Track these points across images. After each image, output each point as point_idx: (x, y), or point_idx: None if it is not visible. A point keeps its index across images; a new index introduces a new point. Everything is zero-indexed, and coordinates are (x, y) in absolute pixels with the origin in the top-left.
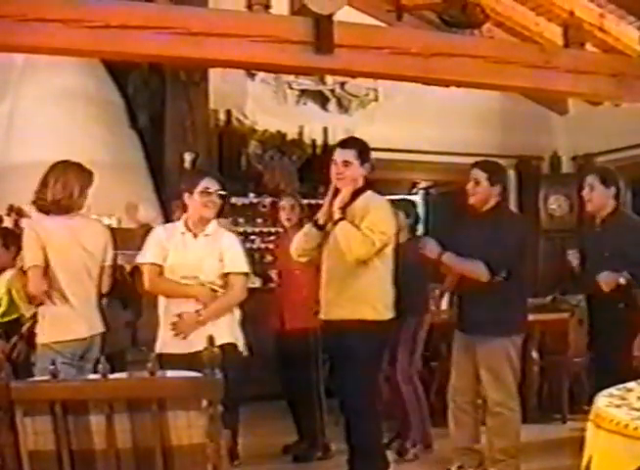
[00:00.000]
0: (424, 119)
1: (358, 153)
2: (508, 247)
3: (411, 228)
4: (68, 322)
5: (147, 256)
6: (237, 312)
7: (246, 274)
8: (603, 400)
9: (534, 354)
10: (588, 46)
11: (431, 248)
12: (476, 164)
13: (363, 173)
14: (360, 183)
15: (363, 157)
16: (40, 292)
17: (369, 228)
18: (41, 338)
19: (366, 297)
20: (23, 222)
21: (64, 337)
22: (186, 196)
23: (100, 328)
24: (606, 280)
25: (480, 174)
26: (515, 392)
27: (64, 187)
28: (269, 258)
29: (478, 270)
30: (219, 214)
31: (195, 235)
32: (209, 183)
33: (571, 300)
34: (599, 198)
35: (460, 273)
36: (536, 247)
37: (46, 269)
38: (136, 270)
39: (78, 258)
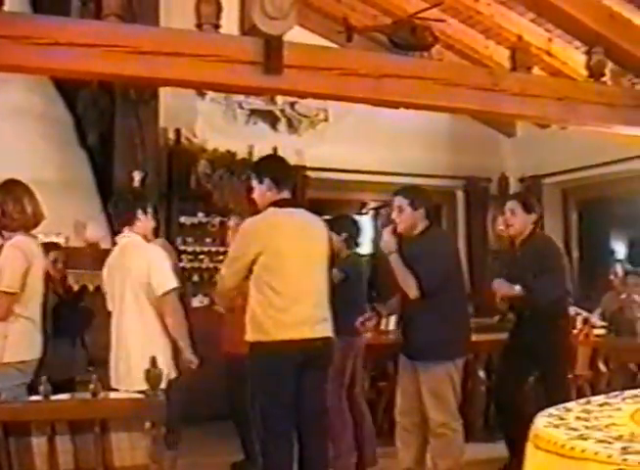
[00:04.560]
0: (374, 140)
1: (256, 174)
2: (434, 266)
3: (348, 244)
4: (32, 342)
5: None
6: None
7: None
8: (542, 421)
9: (481, 374)
10: (536, 70)
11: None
12: (396, 193)
13: (263, 190)
14: (264, 202)
15: (260, 177)
16: (5, 317)
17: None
18: (4, 357)
19: (247, 319)
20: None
21: (29, 356)
22: (139, 212)
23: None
24: (499, 288)
25: (401, 201)
26: (456, 412)
27: (37, 202)
28: (218, 277)
29: (408, 283)
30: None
31: None
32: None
33: None
34: (520, 223)
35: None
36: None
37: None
38: (85, 289)
39: (42, 278)
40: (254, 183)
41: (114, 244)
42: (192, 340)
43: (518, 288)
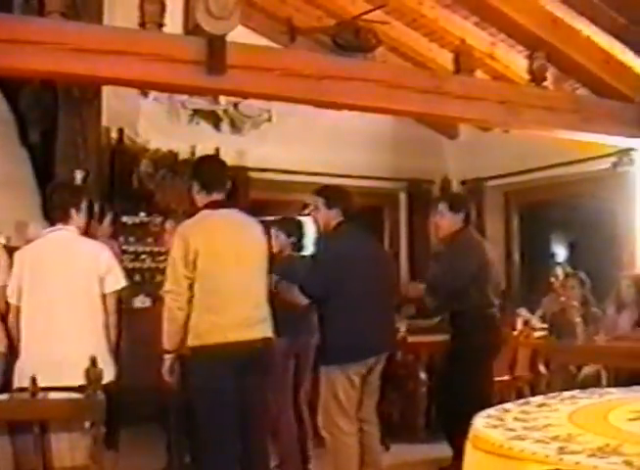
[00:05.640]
0: (317, 141)
1: (192, 175)
2: (319, 269)
3: (295, 246)
4: None
5: None
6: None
7: None
8: (481, 421)
9: (422, 375)
10: (479, 73)
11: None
12: (314, 192)
13: (194, 193)
14: (198, 204)
15: (195, 179)
16: None
17: None
18: None
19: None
20: None
21: None
22: (73, 211)
23: None
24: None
25: (317, 200)
26: (337, 419)
27: None
28: (159, 277)
29: (294, 295)
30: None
31: None
32: None
33: None
34: (448, 223)
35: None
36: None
37: None
38: None
39: None
40: (192, 182)
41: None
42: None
43: (421, 286)
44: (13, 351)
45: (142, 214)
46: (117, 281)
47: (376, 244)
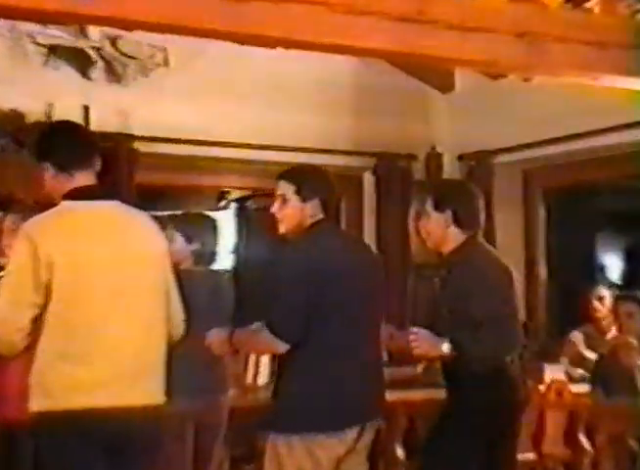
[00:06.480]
0: (238, 97)
1: (37, 156)
2: (289, 294)
3: (202, 257)
4: None
5: None
6: None
7: None
8: None
9: (399, 451)
10: None
11: (216, 340)
12: (281, 176)
13: (49, 179)
14: (57, 193)
15: (41, 162)
16: None
17: None
18: None
19: (31, 376)
20: None
21: None
22: None
23: None
24: (418, 344)
25: (286, 188)
26: None
27: None
28: None
29: (266, 343)
30: None
31: None
32: None
33: None
34: (435, 228)
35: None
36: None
37: None
38: None
39: None
40: (40, 169)
41: None
42: None
43: (446, 346)
44: None
45: None
46: None
47: (370, 254)
